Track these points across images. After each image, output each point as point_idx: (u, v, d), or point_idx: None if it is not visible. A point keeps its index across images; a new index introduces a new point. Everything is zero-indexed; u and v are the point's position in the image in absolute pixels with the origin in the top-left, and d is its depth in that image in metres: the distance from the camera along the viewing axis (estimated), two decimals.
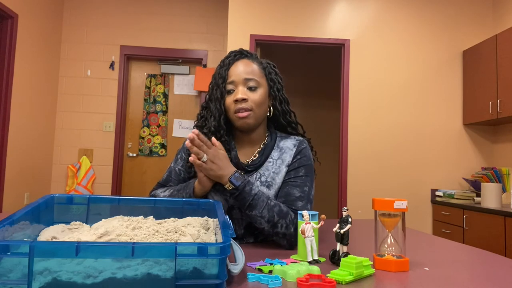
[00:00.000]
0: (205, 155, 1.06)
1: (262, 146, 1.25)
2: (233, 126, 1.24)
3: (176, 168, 1.28)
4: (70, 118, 4.54)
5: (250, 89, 1.19)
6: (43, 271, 0.58)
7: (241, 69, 1.21)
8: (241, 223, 1.19)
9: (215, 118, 1.19)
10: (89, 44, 4.62)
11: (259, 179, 1.19)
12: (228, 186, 1.08)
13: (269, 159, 1.22)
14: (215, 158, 1.08)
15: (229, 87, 1.20)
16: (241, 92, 1.18)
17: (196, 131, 1.06)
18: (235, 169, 1.11)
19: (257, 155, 1.24)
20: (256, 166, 1.21)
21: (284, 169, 1.21)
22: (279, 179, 1.19)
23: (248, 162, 1.23)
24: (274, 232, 1.08)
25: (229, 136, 1.23)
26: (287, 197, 1.16)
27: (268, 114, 1.26)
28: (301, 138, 1.28)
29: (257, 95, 1.19)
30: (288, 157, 1.22)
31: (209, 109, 1.23)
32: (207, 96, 1.26)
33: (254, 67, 1.23)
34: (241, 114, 1.17)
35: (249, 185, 1.09)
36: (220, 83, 1.20)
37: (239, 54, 1.25)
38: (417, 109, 3.90)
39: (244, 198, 1.08)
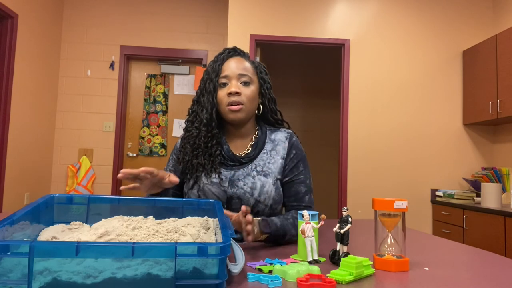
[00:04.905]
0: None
1: (254, 140, 1.30)
2: (224, 120, 1.27)
3: (167, 169, 1.33)
4: (70, 118, 4.54)
5: (243, 84, 1.23)
6: (43, 271, 0.58)
7: (235, 65, 1.25)
8: None
9: (207, 111, 1.22)
10: (89, 44, 4.61)
11: (255, 169, 1.23)
12: (263, 237, 1.10)
13: (263, 151, 1.27)
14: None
15: (223, 80, 1.24)
16: (234, 85, 1.22)
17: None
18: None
19: (250, 148, 1.28)
20: (250, 158, 1.25)
21: (279, 161, 1.26)
22: (274, 168, 1.25)
23: (242, 154, 1.27)
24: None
25: (219, 130, 1.27)
26: (296, 196, 1.24)
27: (257, 111, 1.31)
28: (290, 131, 1.35)
29: (249, 90, 1.24)
30: (281, 149, 1.28)
31: (200, 103, 1.26)
32: (198, 91, 1.30)
33: (247, 64, 1.27)
34: (233, 108, 1.21)
35: (272, 223, 1.11)
36: (213, 77, 1.23)
37: (233, 51, 1.30)
38: (417, 109, 3.90)
39: (278, 235, 1.11)
